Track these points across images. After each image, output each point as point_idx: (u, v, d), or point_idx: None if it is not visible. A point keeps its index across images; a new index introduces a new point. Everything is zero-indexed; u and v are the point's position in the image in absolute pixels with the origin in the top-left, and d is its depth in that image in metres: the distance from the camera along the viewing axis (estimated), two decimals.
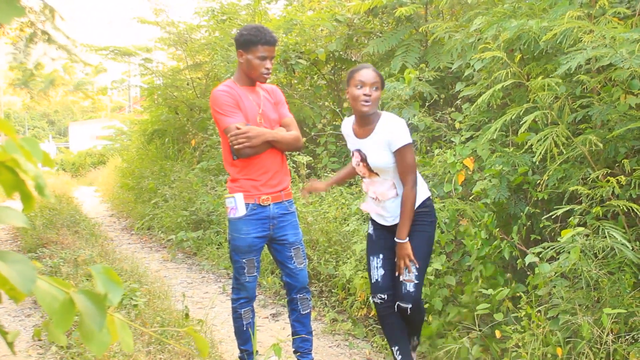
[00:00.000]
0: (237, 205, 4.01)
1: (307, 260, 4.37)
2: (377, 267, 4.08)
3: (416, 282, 3.88)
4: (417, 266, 3.89)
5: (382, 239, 4.11)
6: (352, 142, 4.05)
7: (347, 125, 4.11)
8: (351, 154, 4.09)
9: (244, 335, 4.23)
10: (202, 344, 1.28)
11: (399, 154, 3.81)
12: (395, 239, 3.91)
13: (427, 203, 4.01)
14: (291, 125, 4.18)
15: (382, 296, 4.04)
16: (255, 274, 4.16)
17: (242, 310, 4.20)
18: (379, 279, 4.06)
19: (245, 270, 4.11)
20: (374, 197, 4.05)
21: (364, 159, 3.96)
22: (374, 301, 4.10)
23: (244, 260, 4.08)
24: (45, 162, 1.10)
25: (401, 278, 3.91)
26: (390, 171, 3.90)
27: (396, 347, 4.09)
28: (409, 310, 3.91)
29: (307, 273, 4.32)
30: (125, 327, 1.18)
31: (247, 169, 4.02)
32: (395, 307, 3.99)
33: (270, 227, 4.09)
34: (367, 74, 3.84)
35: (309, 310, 4.33)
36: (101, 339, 1.07)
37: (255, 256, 4.12)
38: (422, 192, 4.00)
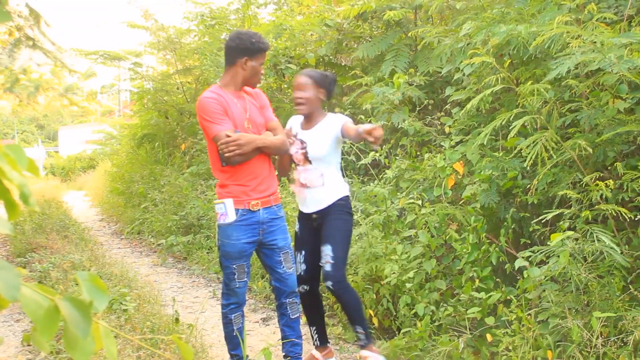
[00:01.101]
0: (227, 211, 4.00)
1: (295, 264, 4.39)
2: (300, 262, 4.49)
3: (332, 262, 4.20)
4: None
5: (306, 234, 4.49)
6: (299, 131, 4.41)
7: (296, 120, 4.49)
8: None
9: (234, 340, 4.21)
10: (187, 351, 1.27)
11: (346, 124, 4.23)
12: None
13: (346, 198, 4.38)
14: (277, 129, 4.20)
15: (305, 287, 4.51)
16: (246, 279, 4.14)
17: (233, 315, 4.18)
18: (302, 273, 4.47)
19: (236, 276, 4.09)
20: (303, 182, 4.37)
21: (304, 147, 4.32)
22: (298, 291, 4.39)
23: (234, 266, 4.07)
24: (31, 170, 1.09)
25: (321, 262, 4.28)
26: (323, 161, 4.31)
27: (313, 328, 4.62)
28: (332, 287, 4.22)
29: (295, 277, 4.31)
30: (109, 334, 1.17)
31: (236, 174, 4.01)
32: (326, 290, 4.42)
33: (260, 232, 4.09)
34: (297, 79, 4.33)
35: (298, 315, 4.32)
36: (85, 347, 1.06)
37: (246, 262, 4.11)
38: (343, 189, 4.40)
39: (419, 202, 5.38)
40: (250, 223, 4.05)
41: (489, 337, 4.25)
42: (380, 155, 6.10)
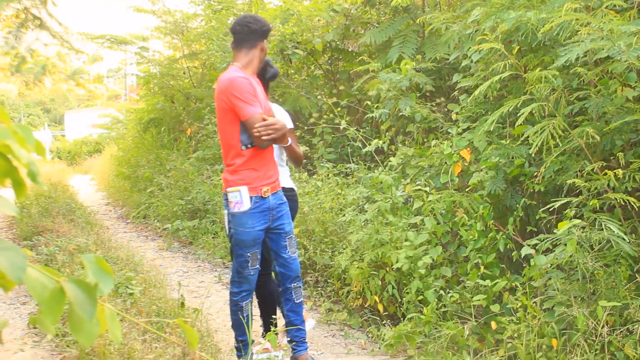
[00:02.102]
0: (242, 199, 3.99)
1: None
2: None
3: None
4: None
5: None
6: None
7: None
8: None
9: (242, 326, 4.21)
10: (192, 336, 1.27)
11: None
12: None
13: (292, 188, 4.69)
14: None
15: (262, 280, 4.52)
16: (257, 266, 4.14)
17: (244, 303, 4.17)
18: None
19: (249, 264, 4.09)
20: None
21: None
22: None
23: (248, 254, 4.06)
24: (38, 151, 1.08)
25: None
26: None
27: (265, 316, 4.75)
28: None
29: (299, 262, 4.32)
30: (114, 317, 1.16)
31: (252, 160, 4.00)
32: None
33: (270, 218, 4.09)
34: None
35: (302, 299, 4.32)
36: (90, 329, 1.06)
37: (259, 249, 4.12)
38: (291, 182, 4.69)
39: (426, 189, 5.37)
40: (262, 210, 4.05)
41: (493, 324, 4.24)
42: (384, 142, 6.08)
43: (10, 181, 1.06)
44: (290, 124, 4.53)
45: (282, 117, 4.45)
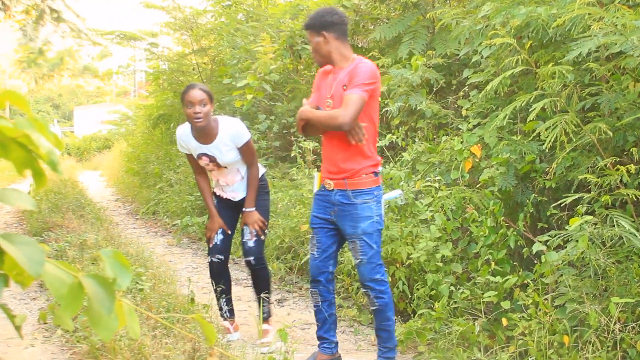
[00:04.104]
0: (315, 182, 4.27)
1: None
2: (218, 232, 4.79)
3: (255, 239, 4.69)
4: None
5: (224, 209, 4.85)
6: (195, 148, 4.66)
7: (185, 133, 4.70)
8: (196, 157, 4.71)
9: (317, 317, 4.30)
10: (210, 331, 1.27)
11: (244, 148, 4.60)
12: (244, 209, 4.69)
13: (263, 178, 4.86)
14: (342, 102, 3.95)
15: (220, 257, 4.83)
16: (314, 252, 4.26)
17: (310, 292, 4.35)
18: (218, 242, 4.81)
19: (310, 247, 4.33)
20: (223, 184, 4.80)
21: (213, 160, 4.63)
22: (212, 260, 4.85)
23: (311, 235, 4.32)
24: (54, 144, 1.08)
25: (244, 239, 4.72)
26: (237, 163, 4.66)
27: (223, 299, 4.90)
28: (252, 261, 4.72)
29: (364, 269, 4.07)
30: (132, 312, 1.16)
31: (323, 150, 4.17)
32: (245, 263, 4.85)
33: (331, 213, 4.16)
34: (194, 94, 4.46)
35: (375, 306, 4.13)
36: (109, 324, 1.06)
37: (316, 234, 4.24)
38: (260, 169, 4.80)
39: (436, 185, 5.35)
40: (324, 200, 4.12)
41: (504, 321, 4.23)
42: (398, 137, 6.07)
43: (30, 171, 1.05)
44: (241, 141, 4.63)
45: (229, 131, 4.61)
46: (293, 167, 7.84)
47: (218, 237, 4.80)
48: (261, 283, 4.85)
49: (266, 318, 4.87)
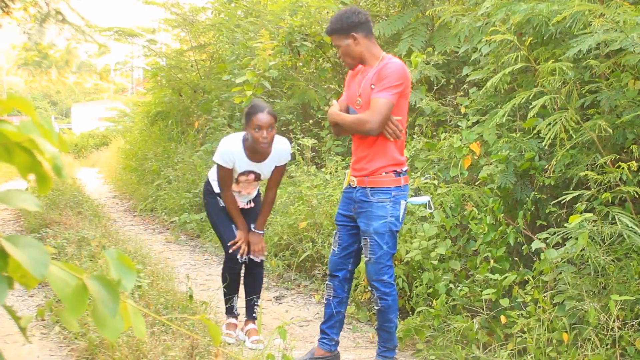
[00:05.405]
0: (345, 178, 4.28)
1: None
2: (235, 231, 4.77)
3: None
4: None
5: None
6: (245, 165, 4.59)
7: (238, 149, 4.56)
8: (240, 172, 4.62)
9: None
10: (215, 331, 1.26)
11: (281, 168, 4.76)
12: (255, 229, 4.80)
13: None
14: (370, 106, 3.94)
15: (246, 258, 4.77)
16: (335, 248, 4.30)
17: (326, 287, 4.39)
18: (245, 246, 4.74)
19: (332, 243, 4.37)
20: (245, 194, 4.81)
21: (257, 177, 4.69)
22: (239, 260, 4.72)
23: (334, 232, 4.36)
24: (59, 145, 1.07)
25: (251, 255, 4.78)
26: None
27: (236, 297, 4.89)
28: (262, 261, 4.88)
29: (372, 268, 4.06)
30: (137, 313, 1.16)
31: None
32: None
33: (352, 209, 4.17)
34: (263, 118, 4.38)
35: (378, 306, 4.13)
36: (114, 325, 1.05)
37: (339, 231, 4.27)
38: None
39: (435, 182, 5.35)
40: (347, 197, 4.14)
41: (503, 318, 4.23)
42: None
43: (35, 176, 1.05)
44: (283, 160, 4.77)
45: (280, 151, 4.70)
46: (292, 164, 7.82)
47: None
48: (259, 283, 4.89)
49: (252, 318, 4.86)
